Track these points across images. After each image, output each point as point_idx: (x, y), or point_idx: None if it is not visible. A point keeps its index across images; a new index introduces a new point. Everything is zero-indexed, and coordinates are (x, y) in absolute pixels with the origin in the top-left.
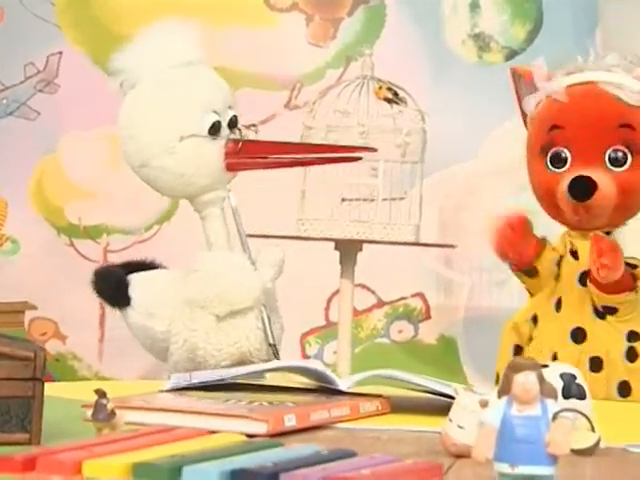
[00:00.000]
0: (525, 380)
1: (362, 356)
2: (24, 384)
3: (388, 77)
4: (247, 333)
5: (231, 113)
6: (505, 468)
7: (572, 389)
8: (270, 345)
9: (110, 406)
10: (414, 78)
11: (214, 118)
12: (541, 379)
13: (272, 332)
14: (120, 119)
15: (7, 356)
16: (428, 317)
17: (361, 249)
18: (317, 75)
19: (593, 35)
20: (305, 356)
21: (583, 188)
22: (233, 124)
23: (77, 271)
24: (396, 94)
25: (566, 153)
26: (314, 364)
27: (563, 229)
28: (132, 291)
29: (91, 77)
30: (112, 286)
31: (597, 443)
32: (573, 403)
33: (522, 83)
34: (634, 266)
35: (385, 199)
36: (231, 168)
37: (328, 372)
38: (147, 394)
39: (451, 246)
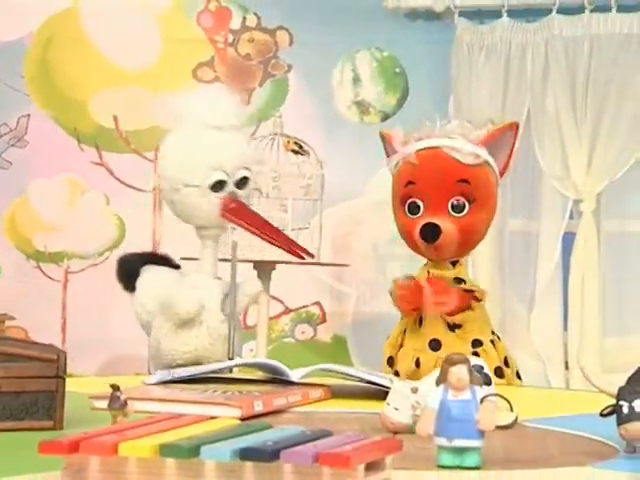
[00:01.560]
0: (458, 371)
1: (273, 352)
2: (49, 381)
3: (293, 133)
4: (199, 339)
5: (242, 174)
6: (443, 442)
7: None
8: (229, 358)
9: (123, 397)
10: (313, 134)
11: (219, 177)
12: (470, 371)
13: (233, 346)
14: (160, 151)
15: (35, 358)
16: (324, 321)
17: (275, 268)
18: None
19: (448, 100)
20: None
21: (431, 233)
22: (242, 182)
23: (43, 289)
24: (301, 147)
25: (419, 203)
26: (271, 361)
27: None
28: (138, 280)
29: (54, 135)
30: (123, 274)
31: (515, 420)
32: (482, 389)
33: (387, 144)
34: (472, 291)
35: (293, 229)
36: (224, 217)
37: (283, 366)
38: (138, 387)
39: (345, 265)
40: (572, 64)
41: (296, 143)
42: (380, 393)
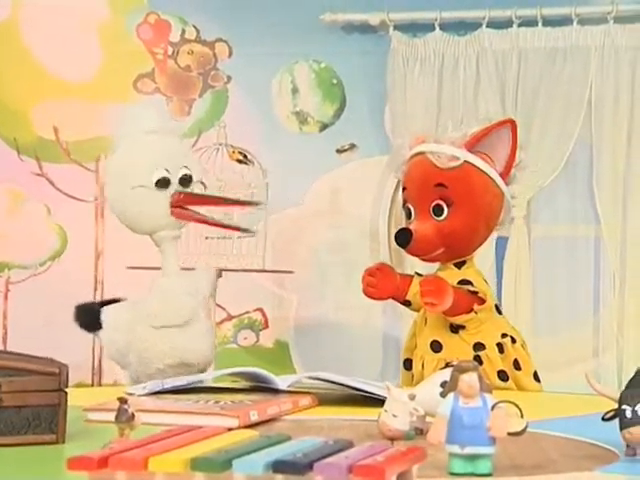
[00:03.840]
0: (469, 379)
1: (217, 358)
2: (51, 394)
3: (233, 143)
4: (185, 342)
5: (183, 172)
6: (456, 449)
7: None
8: None
9: (131, 410)
10: (253, 144)
11: (161, 174)
12: (481, 378)
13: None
14: (106, 166)
15: (37, 372)
16: (266, 327)
17: (221, 275)
18: None
19: (383, 110)
20: None
21: (402, 237)
22: (185, 180)
23: None
24: (245, 156)
25: (410, 207)
26: (258, 369)
27: None
28: (103, 317)
29: None
30: (86, 317)
31: (526, 427)
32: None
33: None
34: (475, 292)
35: (239, 237)
36: (175, 216)
37: (270, 375)
38: (131, 399)
39: (289, 272)
40: (502, 75)
41: (241, 153)
42: (363, 399)
